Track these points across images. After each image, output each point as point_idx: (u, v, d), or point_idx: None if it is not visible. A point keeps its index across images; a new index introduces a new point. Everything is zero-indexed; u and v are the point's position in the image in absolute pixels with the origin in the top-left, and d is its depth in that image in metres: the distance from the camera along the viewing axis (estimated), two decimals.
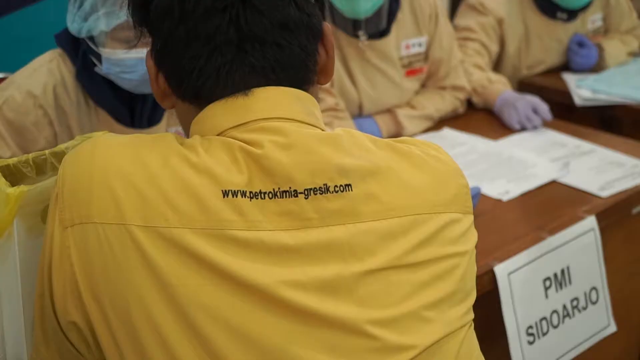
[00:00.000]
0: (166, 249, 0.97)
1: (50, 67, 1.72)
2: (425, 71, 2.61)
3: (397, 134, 2.49)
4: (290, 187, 1.01)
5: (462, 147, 2.40)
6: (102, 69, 1.67)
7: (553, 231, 1.90)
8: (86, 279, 1.00)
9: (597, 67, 3.17)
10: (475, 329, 1.77)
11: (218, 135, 1.05)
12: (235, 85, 1.05)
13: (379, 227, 1.03)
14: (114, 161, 1.03)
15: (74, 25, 1.64)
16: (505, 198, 2.07)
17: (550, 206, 2.05)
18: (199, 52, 1.04)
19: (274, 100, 1.06)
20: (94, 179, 1.01)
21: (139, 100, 1.76)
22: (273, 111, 1.05)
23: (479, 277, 1.71)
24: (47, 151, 1.20)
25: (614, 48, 3.22)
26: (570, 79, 3.05)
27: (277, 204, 1.01)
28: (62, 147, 1.21)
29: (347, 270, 1.01)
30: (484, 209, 2.01)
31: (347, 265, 1.01)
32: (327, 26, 1.14)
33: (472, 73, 2.76)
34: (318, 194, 1.02)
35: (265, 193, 1.01)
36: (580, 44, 3.15)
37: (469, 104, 2.76)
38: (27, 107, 1.69)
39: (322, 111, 2.27)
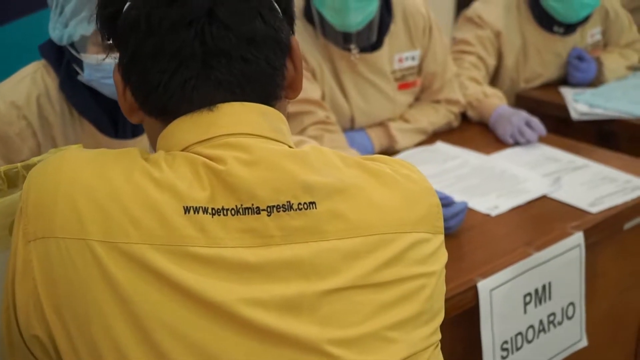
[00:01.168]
0: (126, 264, 0.97)
1: (34, 77, 1.72)
2: (418, 84, 2.60)
3: (389, 147, 2.48)
4: (252, 204, 1.00)
5: (454, 161, 2.39)
6: (84, 76, 1.66)
7: (540, 247, 1.88)
8: (48, 294, 0.99)
9: (596, 81, 3.16)
10: (458, 344, 1.77)
11: (183, 150, 1.05)
12: (200, 100, 1.05)
13: (343, 246, 1.02)
14: (79, 176, 1.02)
15: (56, 32, 1.64)
16: (494, 213, 2.06)
17: (539, 222, 2.03)
18: (165, 66, 1.04)
19: (239, 116, 1.05)
20: (58, 193, 1.01)
21: None
22: (238, 127, 1.05)
23: (462, 293, 1.72)
24: (19, 164, 1.19)
25: (613, 62, 3.20)
26: (568, 93, 3.04)
27: (240, 221, 1.00)
28: (34, 160, 1.20)
29: (309, 289, 1.00)
30: (472, 224, 2.00)
31: (309, 283, 1.00)
32: (296, 41, 1.14)
33: (468, 86, 2.75)
34: (281, 211, 1.01)
35: (227, 210, 1.00)
36: (579, 58, 3.13)
37: (465, 117, 2.75)
38: (10, 117, 1.68)
39: (313, 124, 2.29)
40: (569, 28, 3.04)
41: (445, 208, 1.90)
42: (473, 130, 2.69)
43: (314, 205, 1.02)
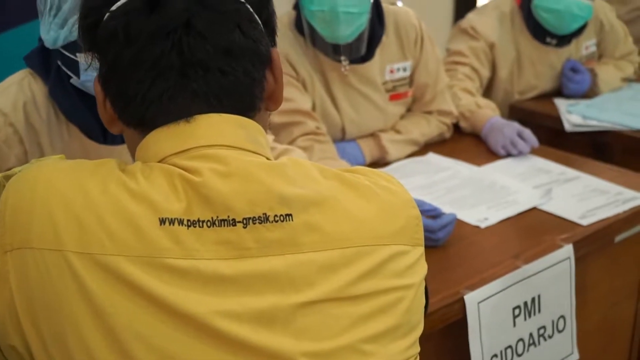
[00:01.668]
0: (101, 276, 0.97)
1: (20, 85, 1.72)
2: (410, 95, 2.59)
3: (380, 158, 2.48)
4: (228, 216, 1.00)
5: (445, 172, 2.39)
6: (80, 77, 1.65)
7: (529, 259, 1.88)
8: (24, 305, 0.99)
9: (590, 92, 3.16)
10: (446, 356, 1.77)
11: (160, 161, 1.05)
12: (177, 112, 1.05)
13: (320, 258, 1.02)
14: (56, 187, 1.02)
15: (50, 34, 1.63)
16: (483, 225, 2.05)
17: (529, 234, 2.03)
18: (143, 77, 1.04)
19: (216, 127, 1.05)
20: (35, 204, 1.01)
21: None
22: (215, 138, 1.04)
23: (449, 306, 1.71)
24: (0, 174, 1.19)
25: (607, 74, 3.20)
26: (562, 104, 3.04)
27: (216, 233, 0.99)
28: (15, 170, 1.20)
29: (284, 301, 0.99)
30: (461, 235, 1.99)
31: (284, 296, 1.00)
32: (276, 52, 1.13)
33: (461, 98, 2.75)
34: (257, 223, 1.00)
35: (203, 221, 1.00)
36: (574, 70, 3.13)
37: (457, 128, 2.74)
38: None
39: (303, 135, 2.29)
40: (562, 39, 3.04)
41: (433, 220, 1.89)
42: (465, 142, 2.68)
43: (290, 217, 1.02)
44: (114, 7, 1.04)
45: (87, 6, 1.09)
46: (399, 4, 3.55)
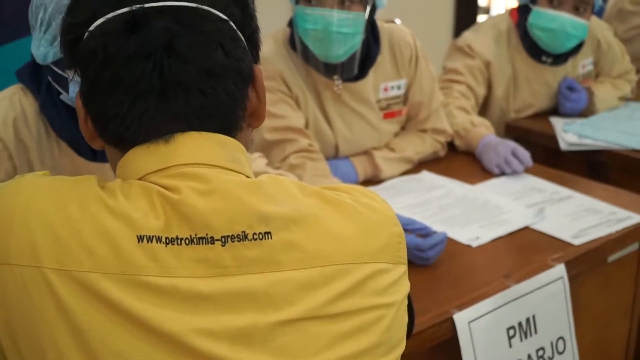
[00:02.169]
0: (79, 293, 0.97)
1: (11, 100, 1.72)
2: (404, 114, 2.58)
3: (374, 176, 2.47)
4: (207, 234, 1.00)
5: (438, 190, 2.38)
6: (69, 93, 1.65)
7: (519, 279, 1.87)
8: (3, 319, 0.99)
9: (587, 111, 3.15)
10: None
11: (139, 179, 1.05)
12: (157, 131, 1.05)
13: (299, 277, 1.02)
14: (35, 203, 1.03)
15: (40, 50, 1.63)
16: (475, 244, 2.04)
17: (520, 253, 2.02)
18: (122, 98, 1.03)
19: (195, 146, 1.05)
20: (15, 220, 1.01)
21: None
22: (194, 157, 1.05)
23: (438, 325, 1.70)
24: None
25: (604, 92, 3.20)
26: (558, 123, 3.04)
27: (194, 251, 0.99)
28: None
29: (262, 319, 0.99)
30: (452, 254, 1.98)
31: (263, 314, 1.00)
32: (259, 69, 1.14)
33: (456, 116, 2.75)
34: (236, 241, 1.00)
35: (182, 239, 1.00)
36: (570, 88, 3.13)
37: (452, 146, 2.74)
38: None
39: (295, 152, 2.29)
40: (558, 58, 3.03)
41: (423, 239, 1.89)
42: (460, 160, 2.68)
43: (269, 235, 1.02)
44: (92, 27, 1.04)
45: (68, 22, 1.09)
46: (397, 21, 3.56)
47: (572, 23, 2.87)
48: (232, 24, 1.08)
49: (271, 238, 1.01)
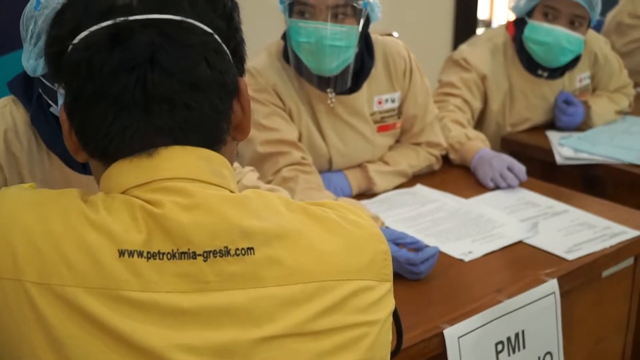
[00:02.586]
0: (59, 307, 0.97)
1: (2, 112, 1.71)
2: (398, 127, 2.57)
3: (367, 189, 2.46)
4: (189, 249, 0.99)
5: (431, 204, 2.37)
6: (59, 106, 1.65)
7: (511, 294, 1.85)
8: None
9: (584, 125, 3.14)
10: None
11: (122, 193, 1.04)
12: (140, 145, 1.04)
13: (281, 293, 1.01)
14: (17, 216, 1.03)
15: (30, 62, 1.63)
16: (467, 258, 2.03)
17: (513, 268, 2.01)
18: (106, 112, 1.03)
19: (178, 160, 1.05)
20: None
21: None
22: (177, 171, 1.04)
23: (428, 340, 1.69)
24: None
25: (601, 106, 3.19)
26: (554, 137, 3.03)
27: (176, 266, 0.99)
28: None
29: (243, 336, 0.99)
30: (444, 269, 1.97)
31: (244, 331, 0.99)
32: (244, 82, 1.13)
33: (451, 129, 2.74)
34: (218, 256, 1.00)
35: (163, 254, 0.99)
36: (567, 102, 3.12)
37: (447, 160, 2.73)
38: None
39: (287, 165, 2.28)
40: (554, 72, 3.03)
41: (415, 253, 1.88)
42: (454, 173, 2.67)
43: (252, 250, 1.01)
44: (76, 40, 1.04)
45: (53, 35, 1.09)
46: (395, 34, 3.56)
47: (567, 37, 2.86)
48: (216, 37, 1.07)
49: (254, 254, 1.01)
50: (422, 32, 4.65)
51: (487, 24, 6.51)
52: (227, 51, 1.09)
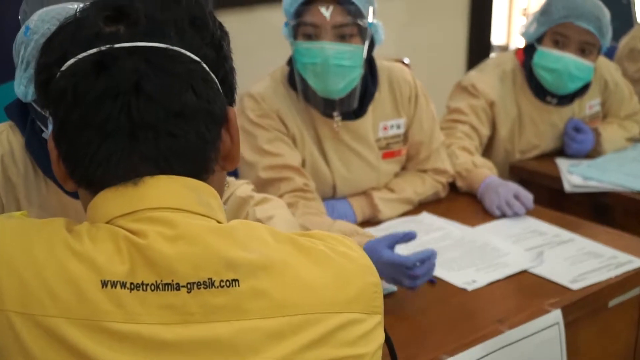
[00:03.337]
0: (42, 337, 0.96)
1: None
2: (404, 153, 2.56)
3: (372, 217, 2.44)
4: (172, 280, 0.99)
5: (437, 232, 2.35)
6: (48, 132, 1.65)
7: (513, 324, 1.83)
8: None
9: (594, 152, 3.11)
10: None
11: (107, 222, 1.03)
12: (126, 174, 1.04)
13: (266, 326, 1.00)
14: (1, 245, 1.02)
15: (21, 88, 1.63)
16: (470, 288, 2.01)
17: (516, 298, 1.99)
18: (91, 139, 1.03)
19: (164, 190, 1.04)
20: None
21: None
22: (162, 201, 1.03)
23: None
24: None
25: (611, 133, 3.16)
26: (563, 164, 3.00)
27: (159, 297, 0.98)
28: None
29: None
30: (447, 298, 1.96)
31: None
32: (233, 111, 1.12)
33: (459, 156, 2.72)
34: (202, 288, 0.99)
35: (147, 285, 0.98)
36: (577, 129, 3.09)
37: (454, 187, 2.70)
38: None
39: (289, 192, 2.26)
40: (563, 99, 3.00)
41: (409, 255, 1.87)
42: (461, 201, 2.64)
43: (236, 282, 1.00)
44: (64, 67, 1.04)
45: (41, 63, 1.09)
46: (406, 60, 3.56)
47: (576, 64, 2.84)
48: (204, 65, 1.07)
49: (238, 285, 1.00)
50: (435, 57, 4.65)
51: (504, 49, 6.49)
52: (216, 80, 1.09)
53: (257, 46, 3.41)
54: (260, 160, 2.31)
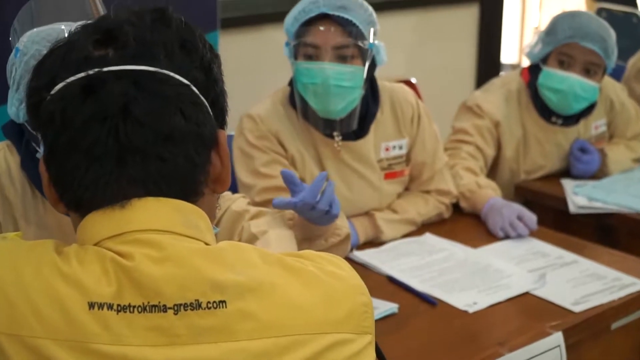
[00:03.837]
0: (29, 358, 0.97)
1: None
2: (406, 174, 2.55)
3: (375, 237, 2.43)
4: (159, 302, 0.99)
5: (439, 254, 2.34)
6: (41, 153, 1.66)
7: (514, 347, 1.82)
8: None
9: (600, 173, 3.09)
10: None
11: (95, 244, 1.04)
12: (114, 197, 1.04)
13: (253, 347, 1.00)
14: None
15: (12, 109, 1.64)
16: (471, 310, 1.99)
17: (518, 320, 1.98)
18: (79, 162, 1.03)
19: (151, 212, 1.04)
20: None
21: None
22: (149, 223, 1.03)
23: None
24: None
25: (617, 154, 3.15)
26: (568, 185, 2.98)
27: (146, 319, 0.98)
28: None
29: None
30: (447, 320, 1.95)
31: None
32: (223, 134, 1.12)
33: (463, 177, 2.71)
34: (189, 309, 0.99)
35: (134, 307, 0.99)
36: (583, 150, 3.08)
37: (458, 208, 2.69)
38: None
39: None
40: (569, 119, 2.99)
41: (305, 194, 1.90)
42: (465, 222, 2.63)
43: (224, 304, 1.00)
44: (53, 91, 1.04)
45: (31, 86, 1.10)
46: (413, 80, 3.57)
47: (581, 85, 2.84)
48: (194, 88, 1.07)
49: (226, 307, 1.00)
50: (444, 77, 4.65)
51: (515, 67, 6.47)
52: (206, 102, 1.09)
53: (266, 66, 3.42)
54: (256, 183, 2.31)
